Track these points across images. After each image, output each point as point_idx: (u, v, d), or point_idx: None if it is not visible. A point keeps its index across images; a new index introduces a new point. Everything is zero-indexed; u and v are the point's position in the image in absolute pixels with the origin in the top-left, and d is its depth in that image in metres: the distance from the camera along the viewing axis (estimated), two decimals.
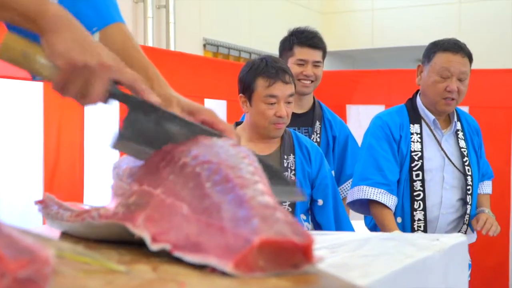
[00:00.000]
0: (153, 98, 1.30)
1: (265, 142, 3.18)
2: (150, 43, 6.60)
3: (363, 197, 3.51)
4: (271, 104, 3.07)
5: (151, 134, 1.30)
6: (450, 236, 1.66)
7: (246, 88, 3.13)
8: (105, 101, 1.28)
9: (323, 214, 3.21)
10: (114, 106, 1.34)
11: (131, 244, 1.12)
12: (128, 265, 0.93)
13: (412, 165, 3.52)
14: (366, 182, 3.52)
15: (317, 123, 3.87)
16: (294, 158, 3.20)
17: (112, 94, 1.28)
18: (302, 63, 3.82)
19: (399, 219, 3.53)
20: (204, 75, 5.36)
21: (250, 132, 3.18)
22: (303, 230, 0.92)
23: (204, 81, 5.26)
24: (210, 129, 1.37)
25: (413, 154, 3.53)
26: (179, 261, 0.97)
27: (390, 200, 3.47)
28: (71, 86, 1.25)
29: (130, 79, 1.29)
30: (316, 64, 3.84)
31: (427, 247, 1.48)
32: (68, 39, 1.24)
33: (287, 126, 3.34)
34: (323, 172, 3.23)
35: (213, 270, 0.91)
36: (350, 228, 3.25)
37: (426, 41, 3.78)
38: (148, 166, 1.25)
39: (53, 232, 1.34)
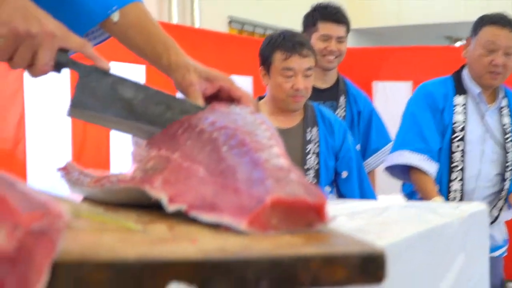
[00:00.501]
0: (103, 64, 1.30)
1: (286, 115, 3.19)
2: (175, 21, 6.62)
3: (404, 162, 3.49)
4: (288, 77, 3.09)
5: (106, 99, 1.29)
6: (471, 204, 1.67)
7: (265, 61, 3.17)
8: (55, 69, 1.27)
9: (348, 186, 3.23)
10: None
11: (149, 208, 1.14)
12: (145, 225, 0.95)
13: (453, 136, 3.51)
14: (408, 147, 3.50)
15: (342, 98, 3.87)
16: (318, 130, 3.21)
17: (61, 62, 1.27)
18: (326, 38, 3.82)
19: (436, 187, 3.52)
20: (229, 52, 5.37)
21: (270, 105, 3.20)
22: (316, 190, 0.93)
23: (229, 58, 5.27)
24: (164, 93, 1.36)
25: (455, 125, 3.52)
26: (195, 222, 0.99)
27: (431, 167, 3.45)
28: (17, 56, 1.23)
29: (78, 44, 1.28)
30: (340, 40, 3.84)
31: (446, 214, 1.49)
32: (11, 7, 1.22)
33: (312, 101, 3.35)
34: (346, 145, 3.24)
35: (227, 229, 0.92)
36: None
37: (454, 18, 3.76)
38: (166, 134, 1.27)
39: (75, 197, 1.36)
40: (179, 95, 1.45)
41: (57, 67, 1.27)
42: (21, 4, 1.23)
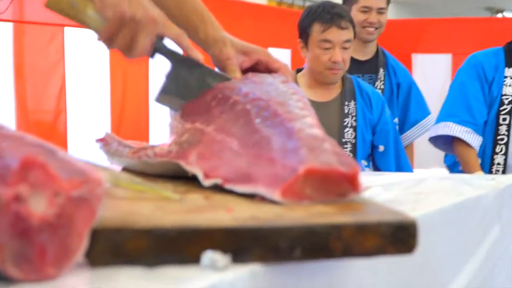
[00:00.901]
0: (196, 55, 1.34)
1: (324, 88, 3.19)
2: None
3: (448, 134, 3.47)
4: (326, 49, 3.08)
5: (194, 89, 1.34)
6: (507, 176, 1.67)
7: (303, 33, 3.16)
8: (150, 55, 1.32)
9: (384, 160, 3.22)
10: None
11: (185, 178, 1.16)
12: (182, 194, 0.97)
13: (501, 108, 3.48)
14: (453, 119, 3.47)
15: (381, 70, 3.86)
16: (355, 104, 3.20)
17: (157, 48, 1.31)
18: (366, 10, 3.80)
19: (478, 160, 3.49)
20: (268, 24, 5.36)
21: (308, 78, 3.19)
22: (350, 160, 0.94)
23: (268, 30, 5.27)
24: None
25: (503, 97, 3.48)
26: (231, 192, 1.01)
27: (475, 140, 3.43)
28: (118, 38, 1.28)
29: (175, 34, 1.32)
30: (380, 11, 3.81)
31: (481, 186, 1.49)
32: None
33: (351, 73, 3.34)
34: (384, 118, 3.23)
35: (262, 199, 0.94)
36: None
37: None
38: (200, 105, 1.29)
39: (114, 167, 1.39)
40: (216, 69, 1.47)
41: (152, 53, 1.33)
42: None
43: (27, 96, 3.97)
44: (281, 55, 4.77)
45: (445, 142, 3.57)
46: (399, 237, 0.80)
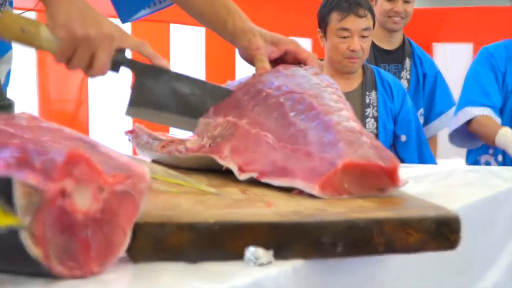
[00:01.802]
0: (161, 61, 1.30)
1: (345, 78, 3.16)
2: None
3: (468, 118, 3.43)
4: (344, 37, 3.03)
5: (162, 97, 1.30)
6: None
7: (322, 22, 3.12)
8: (113, 69, 1.28)
9: (406, 150, 3.20)
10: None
11: (219, 171, 1.15)
12: (217, 188, 0.97)
13: None
14: (471, 104, 3.44)
15: (407, 60, 3.83)
16: (376, 94, 3.18)
17: (119, 62, 1.27)
18: None
19: (499, 157, 3.46)
20: (288, 13, 5.34)
21: (328, 68, 3.18)
22: (389, 154, 0.93)
23: (288, 19, 5.25)
24: (220, 86, 1.37)
25: None
26: (266, 185, 1.00)
27: (498, 118, 3.39)
28: (75, 58, 1.24)
29: (135, 44, 1.29)
30: (406, 0, 3.78)
31: (510, 178, 1.48)
32: (70, 10, 1.23)
33: (377, 63, 3.32)
34: (405, 108, 3.21)
35: (299, 193, 0.94)
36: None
37: None
38: (233, 100, 1.27)
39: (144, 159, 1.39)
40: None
41: (115, 67, 1.28)
42: (79, 7, 1.24)
43: (50, 85, 3.98)
44: (302, 45, 4.75)
45: (464, 137, 3.54)
46: (441, 232, 0.80)
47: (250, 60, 1.43)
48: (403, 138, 3.24)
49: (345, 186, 0.90)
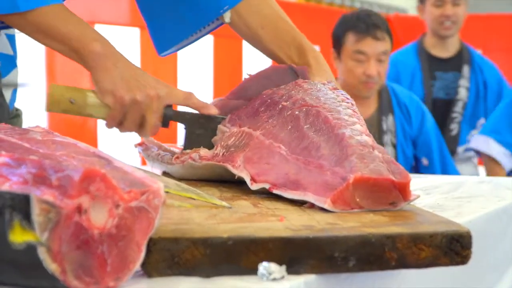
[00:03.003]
0: (209, 109, 1.31)
1: (360, 103, 3.08)
2: None
3: (486, 151, 3.42)
4: (360, 61, 2.92)
5: (211, 144, 1.31)
6: None
7: (337, 43, 3.00)
8: (163, 125, 1.30)
9: (431, 173, 3.13)
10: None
11: (230, 183, 1.16)
12: (229, 201, 0.97)
13: None
14: (495, 136, 3.41)
15: (465, 67, 3.69)
16: (393, 118, 3.08)
17: (168, 117, 1.29)
18: (440, 3, 3.62)
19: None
20: (296, 21, 5.34)
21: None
22: (400, 168, 0.94)
23: (296, 27, 5.24)
24: None
25: None
26: (278, 198, 1.01)
27: (509, 163, 3.40)
28: (126, 122, 1.26)
29: (181, 98, 1.30)
30: (456, 2, 3.63)
31: None
32: (114, 75, 1.24)
33: (433, 71, 3.26)
34: (425, 129, 3.07)
35: (311, 206, 0.94)
36: None
37: None
38: (248, 110, 1.28)
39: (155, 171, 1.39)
40: None
41: (165, 122, 1.30)
42: (123, 70, 1.25)
43: None
44: None
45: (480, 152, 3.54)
46: (453, 247, 0.80)
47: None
48: (425, 162, 3.15)
49: (356, 200, 0.91)
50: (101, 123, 3.71)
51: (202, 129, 1.33)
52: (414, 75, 3.72)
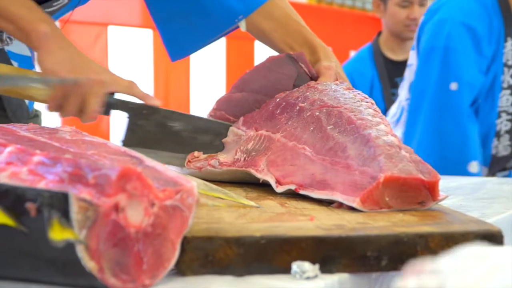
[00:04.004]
0: (152, 101, 1.30)
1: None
2: None
3: None
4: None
5: (156, 136, 1.31)
6: None
7: None
8: (105, 113, 1.28)
9: None
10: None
11: (252, 183, 1.16)
12: (256, 201, 0.98)
13: None
14: None
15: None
16: None
17: (110, 105, 1.28)
18: (406, 4, 3.40)
19: None
20: (308, 22, 5.32)
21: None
22: (428, 168, 0.94)
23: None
24: (216, 120, 1.37)
25: None
26: (304, 198, 1.01)
27: None
28: (66, 105, 1.24)
29: (125, 87, 1.28)
30: (422, 3, 3.44)
31: None
32: (59, 57, 1.23)
33: (390, 78, 3.32)
34: None
35: (339, 206, 0.94)
36: None
37: None
38: (263, 113, 1.27)
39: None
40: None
41: (106, 110, 1.29)
42: (68, 53, 1.24)
43: None
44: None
45: None
46: None
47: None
48: None
49: (386, 199, 0.91)
50: (113, 124, 3.68)
51: (144, 119, 1.32)
52: (373, 85, 3.46)
